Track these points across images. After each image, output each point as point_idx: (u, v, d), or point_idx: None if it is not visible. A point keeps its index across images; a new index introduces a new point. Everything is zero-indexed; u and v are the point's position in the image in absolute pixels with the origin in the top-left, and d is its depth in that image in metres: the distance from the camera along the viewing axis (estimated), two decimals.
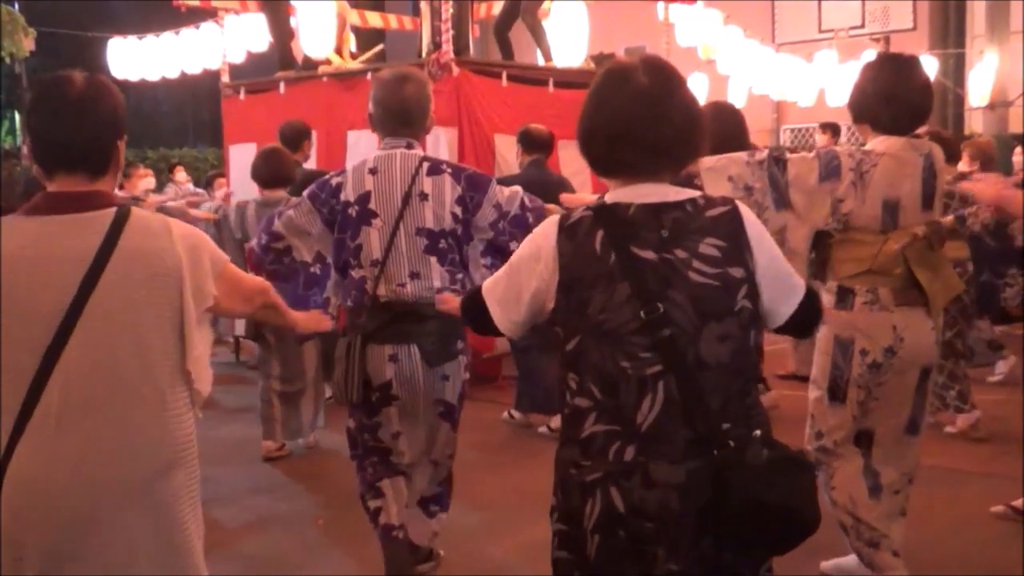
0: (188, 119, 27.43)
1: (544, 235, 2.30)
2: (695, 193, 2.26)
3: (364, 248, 3.67)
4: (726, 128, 4.44)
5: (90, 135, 2.32)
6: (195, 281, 2.34)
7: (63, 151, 2.32)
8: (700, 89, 12.71)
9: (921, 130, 3.93)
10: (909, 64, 3.68)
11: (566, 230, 2.25)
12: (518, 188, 3.82)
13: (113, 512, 2.25)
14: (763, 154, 3.58)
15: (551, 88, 8.44)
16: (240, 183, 8.97)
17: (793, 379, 7.42)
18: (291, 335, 6.14)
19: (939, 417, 6.11)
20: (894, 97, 3.60)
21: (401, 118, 3.76)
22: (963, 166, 6.85)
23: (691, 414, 2.14)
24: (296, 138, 6.80)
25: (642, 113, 2.20)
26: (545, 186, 5.29)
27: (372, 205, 3.66)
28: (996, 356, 7.07)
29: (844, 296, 3.63)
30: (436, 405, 3.76)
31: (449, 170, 3.74)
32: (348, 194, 3.70)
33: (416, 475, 3.89)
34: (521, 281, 2.33)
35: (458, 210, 3.68)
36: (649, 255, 2.17)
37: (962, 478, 5.31)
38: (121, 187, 8.48)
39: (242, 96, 9.33)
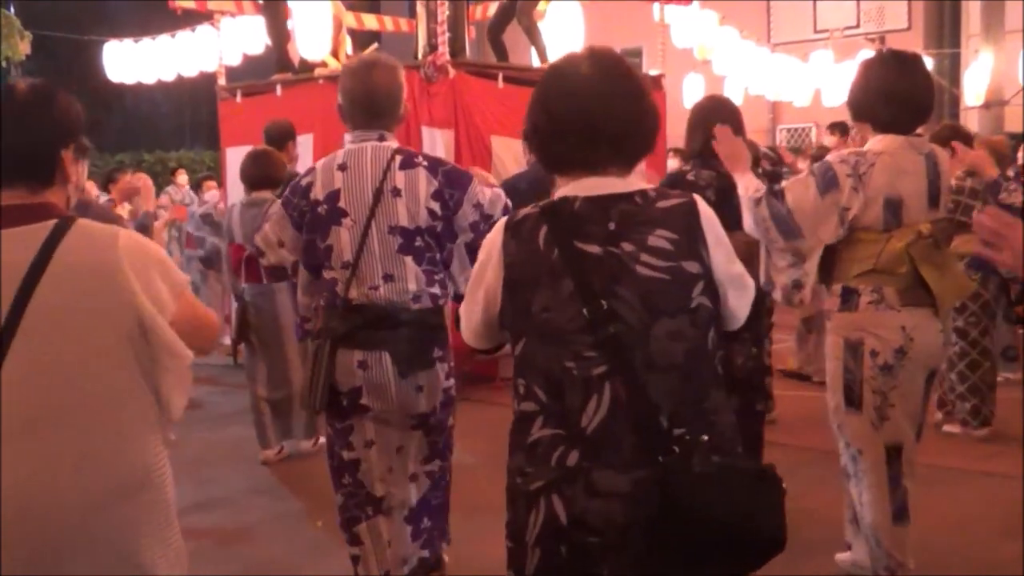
0: (185, 122, 27.40)
1: (492, 237, 2.20)
2: (647, 185, 2.14)
3: (334, 249, 3.45)
4: (721, 122, 4.45)
5: (27, 146, 2.20)
6: (150, 293, 2.17)
7: (1, 163, 2.19)
8: (696, 90, 12.73)
9: (930, 127, 3.89)
10: (910, 62, 3.60)
11: (511, 228, 2.16)
12: (500, 191, 3.64)
13: (58, 541, 2.10)
14: (760, 192, 3.56)
15: None
16: (236, 186, 8.95)
17: (796, 377, 7.43)
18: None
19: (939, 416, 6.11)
20: (894, 95, 3.52)
21: (370, 108, 3.54)
22: None
23: (639, 418, 2.00)
24: (281, 138, 6.80)
25: (581, 105, 2.09)
26: (552, 183, 5.27)
27: (342, 203, 3.44)
28: (1009, 366, 6.99)
29: (848, 297, 3.54)
30: (410, 417, 3.53)
31: (424, 163, 3.50)
32: (317, 192, 3.48)
33: (402, 496, 3.66)
34: (476, 288, 2.23)
35: (435, 206, 3.43)
36: (594, 249, 2.05)
37: (960, 477, 5.31)
38: (107, 191, 8.44)
39: (238, 99, 9.32)
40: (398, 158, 3.48)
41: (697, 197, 2.14)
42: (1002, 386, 6.40)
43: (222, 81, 9.72)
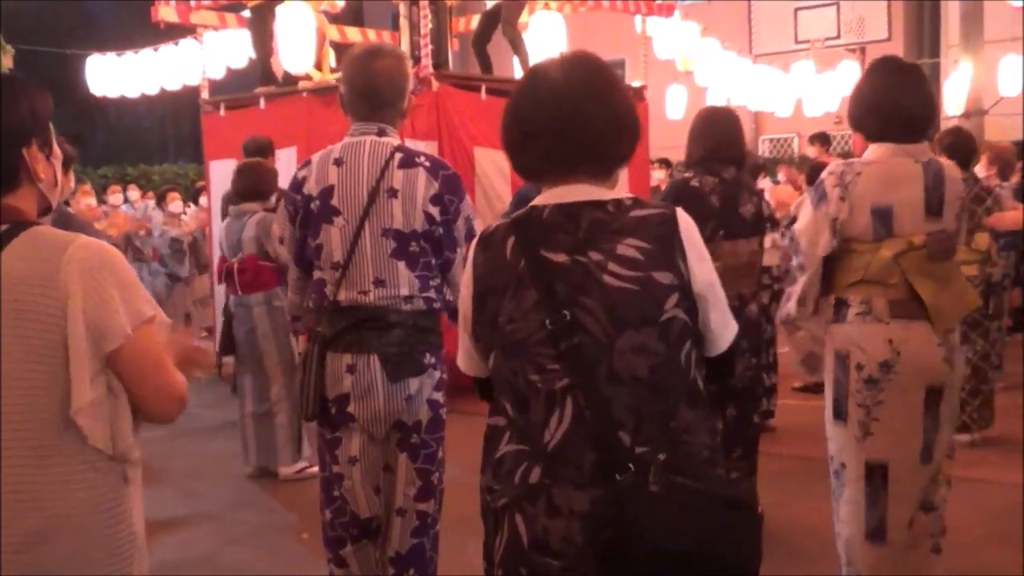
0: (168, 135, 27.34)
1: (469, 251, 2.13)
2: (623, 194, 2.02)
3: (324, 248, 3.27)
4: (721, 133, 4.50)
5: None
6: (94, 315, 1.93)
7: None
8: (679, 101, 12.78)
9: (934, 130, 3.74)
10: (901, 70, 3.50)
11: (482, 241, 2.08)
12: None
13: None
14: (787, 236, 3.58)
15: None
16: (220, 197, 8.96)
17: (811, 391, 7.31)
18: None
19: None
20: (884, 104, 3.44)
21: (370, 99, 3.33)
22: (980, 170, 6.70)
23: (599, 434, 1.89)
24: (258, 152, 6.86)
25: (550, 111, 2.01)
26: None
27: (335, 201, 3.25)
28: (993, 374, 6.95)
29: (839, 308, 3.44)
30: (395, 430, 3.32)
31: (426, 163, 3.29)
32: (310, 187, 3.29)
33: (388, 530, 3.42)
34: (460, 307, 2.15)
35: (434, 210, 3.24)
36: (560, 258, 1.95)
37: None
38: (67, 204, 8.40)
39: (222, 112, 9.32)
40: (398, 156, 3.27)
41: (679, 210, 2.01)
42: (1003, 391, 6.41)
43: (205, 94, 9.73)
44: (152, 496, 5.49)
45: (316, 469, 5.70)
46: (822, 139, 10.88)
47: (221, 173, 9.04)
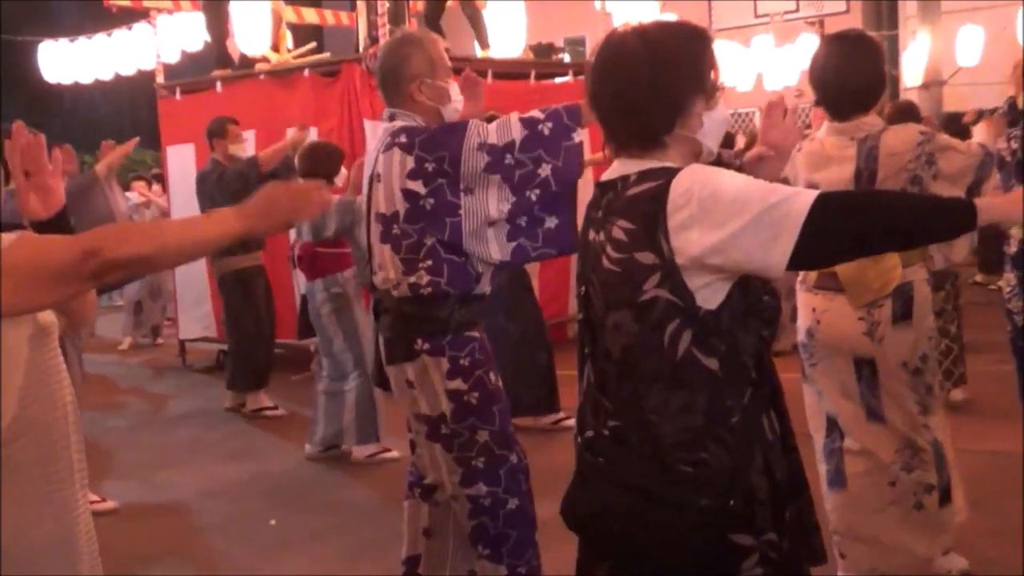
0: (125, 121, 26.99)
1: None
2: (641, 167, 1.97)
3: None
4: None
5: None
6: None
7: None
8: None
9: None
10: (846, 44, 3.48)
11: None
12: (508, 117, 3.27)
13: None
14: None
15: (490, 79, 8.42)
16: (179, 185, 8.88)
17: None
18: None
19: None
20: (823, 79, 3.47)
21: (383, 86, 3.41)
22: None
23: (596, 402, 2.05)
24: (213, 133, 7.01)
25: (589, 88, 2.05)
26: None
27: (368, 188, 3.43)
28: None
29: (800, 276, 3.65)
30: (417, 420, 3.40)
31: (401, 140, 3.24)
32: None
33: (447, 506, 3.51)
34: None
35: (414, 185, 3.20)
36: (591, 235, 2.04)
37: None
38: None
39: (178, 96, 9.21)
40: (388, 140, 3.29)
41: (682, 173, 1.91)
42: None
43: (161, 79, 9.60)
44: (117, 487, 5.50)
45: (390, 454, 5.83)
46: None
47: (179, 158, 8.97)
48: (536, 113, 3.21)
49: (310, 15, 10.95)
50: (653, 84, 1.95)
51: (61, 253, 1.81)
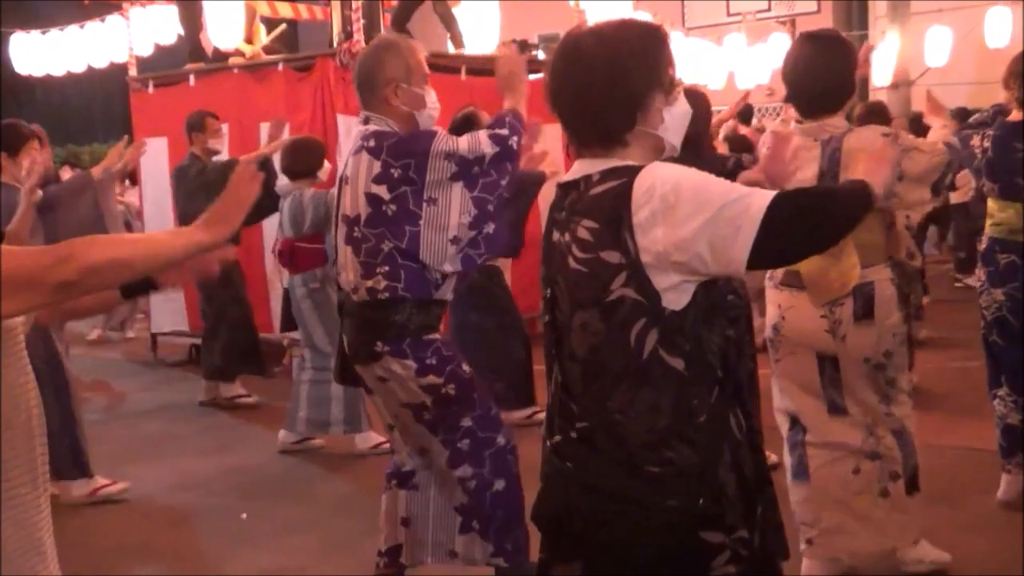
0: (97, 114, 26.78)
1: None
2: (604, 166, 1.96)
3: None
4: (695, 111, 4.45)
5: None
6: None
7: None
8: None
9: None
10: (814, 44, 3.51)
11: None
12: (477, 132, 3.40)
13: None
14: None
15: (463, 76, 8.42)
16: (151, 178, 8.81)
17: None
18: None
19: None
20: (790, 80, 3.52)
21: (359, 89, 3.45)
22: None
23: (563, 403, 2.03)
24: (191, 127, 6.99)
25: (548, 87, 2.04)
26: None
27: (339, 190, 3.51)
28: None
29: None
30: (401, 407, 3.48)
31: (370, 144, 3.32)
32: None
33: (426, 490, 3.63)
34: None
35: (379, 189, 3.27)
36: (555, 237, 2.03)
37: None
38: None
39: (150, 89, 9.13)
40: (359, 143, 3.36)
41: (645, 171, 1.90)
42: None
43: (133, 72, 9.51)
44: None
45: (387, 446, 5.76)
46: (742, 115, 10.99)
47: (151, 152, 8.87)
48: (500, 129, 3.32)
49: (284, 9, 10.89)
50: (611, 82, 1.95)
51: (30, 260, 1.80)
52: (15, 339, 1.96)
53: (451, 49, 9.25)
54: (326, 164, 5.97)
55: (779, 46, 15.02)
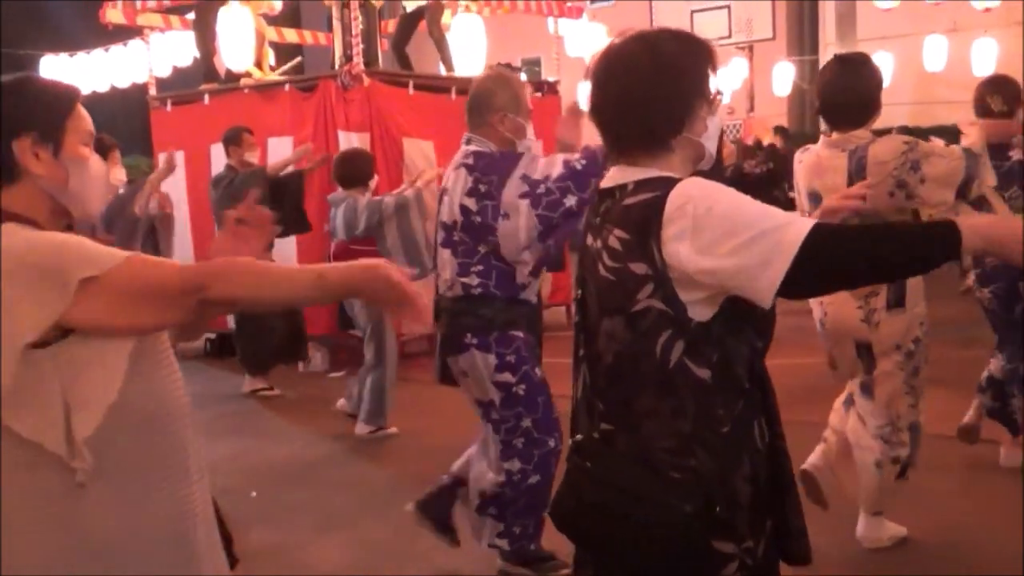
0: (119, 130, 26.66)
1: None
2: (640, 176, 1.84)
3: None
4: None
5: None
6: (20, 302, 1.63)
7: None
8: (586, 96, 12.79)
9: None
10: (832, 64, 3.64)
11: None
12: (556, 155, 3.43)
13: None
14: None
15: (453, 95, 8.40)
16: (168, 185, 8.74)
17: None
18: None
19: None
20: (820, 98, 3.61)
21: (467, 111, 3.55)
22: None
23: (590, 404, 1.91)
24: (228, 140, 7.02)
25: (595, 94, 1.92)
26: None
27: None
28: None
29: None
30: (477, 406, 3.57)
31: (468, 162, 3.43)
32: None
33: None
34: None
35: (469, 202, 3.38)
36: (589, 241, 1.90)
37: None
38: None
39: (169, 108, 9.13)
40: (460, 160, 3.47)
41: (675, 190, 1.76)
42: None
43: (153, 91, 9.53)
44: None
45: (391, 430, 5.83)
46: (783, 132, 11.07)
47: None
48: (573, 157, 3.36)
49: (290, 34, 10.88)
50: (661, 86, 1.83)
51: (166, 280, 1.72)
52: (158, 340, 1.84)
53: (442, 71, 9.24)
54: (375, 176, 6.02)
55: (738, 71, 15.10)
